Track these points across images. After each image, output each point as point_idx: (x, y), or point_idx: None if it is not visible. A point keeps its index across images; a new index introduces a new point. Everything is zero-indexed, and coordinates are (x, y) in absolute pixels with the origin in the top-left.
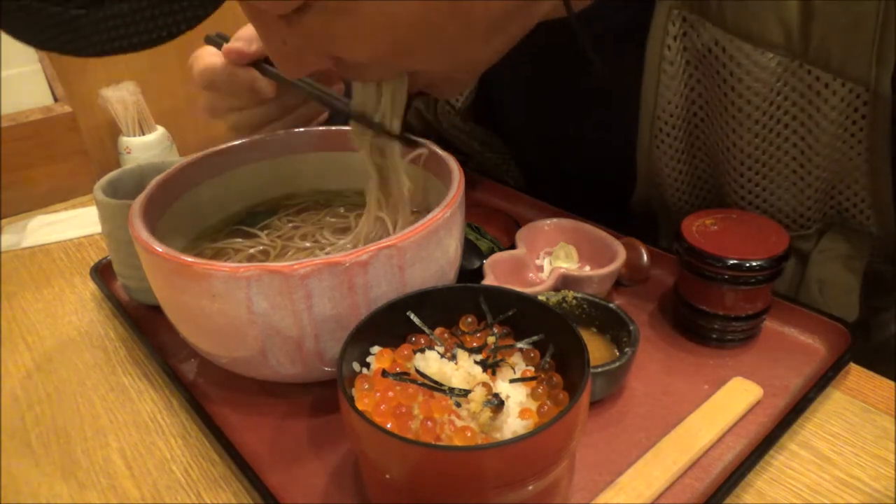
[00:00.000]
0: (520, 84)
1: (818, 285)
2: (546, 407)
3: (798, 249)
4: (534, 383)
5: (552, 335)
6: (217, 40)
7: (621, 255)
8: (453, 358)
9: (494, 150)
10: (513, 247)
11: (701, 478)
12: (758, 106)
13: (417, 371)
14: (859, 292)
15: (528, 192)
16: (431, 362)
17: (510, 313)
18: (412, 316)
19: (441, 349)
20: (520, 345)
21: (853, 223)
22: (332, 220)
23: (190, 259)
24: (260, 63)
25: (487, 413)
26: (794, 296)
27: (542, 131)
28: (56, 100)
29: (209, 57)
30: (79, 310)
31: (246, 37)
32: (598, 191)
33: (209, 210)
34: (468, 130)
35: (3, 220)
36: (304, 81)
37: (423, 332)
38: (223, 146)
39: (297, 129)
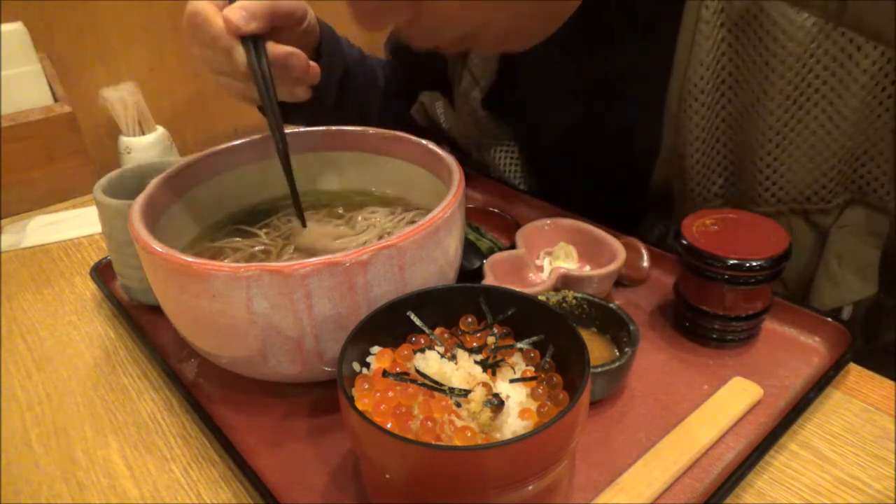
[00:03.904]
0: (547, 57)
1: (837, 259)
2: (546, 407)
3: (817, 224)
4: (534, 383)
5: (552, 335)
6: None
7: (621, 255)
8: (453, 358)
9: (501, 142)
10: (513, 247)
11: (701, 478)
12: (791, 66)
13: (417, 371)
14: (878, 267)
15: (529, 191)
16: (431, 362)
17: (510, 313)
18: (412, 316)
19: (441, 349)
20: (520, 345)
21: (873, 198)
22: (332, 220)
23: (190, 259)
24: (248, 42)
25: (487, 413)
26: (812, 272)
27: (566, 108)
28: (56, 100)
29: (208, 8)
30: (79, 310)
31: (249, 9)
32: (615, 176)
33: (209, 210)
34: (477, 118)
35: (3, 220)
36: (272, 110)
37: (423, 332)
38: (223, 146)
39: (296, 130)
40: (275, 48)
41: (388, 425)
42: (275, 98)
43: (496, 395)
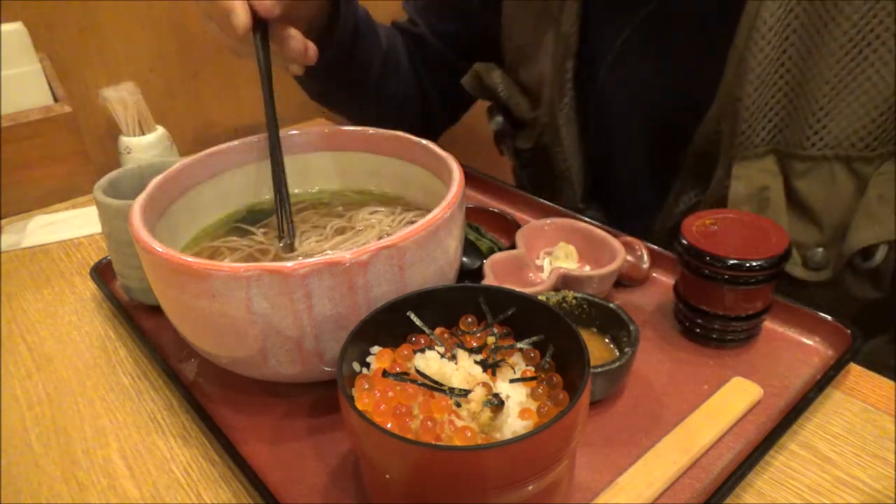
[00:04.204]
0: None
1: (878, 198)
2: (546, 407)
3: (858, 172)
4: (534, 383)
5: (552, 335)
6: None
7: (621, 255)
8: (453, 358)
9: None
10: (513, 247)
11: (701, 478)
12: (857, 8)
13: (417, 371)
14: None
15: (585, 158)
16: (431, 362)
17: (510, 313)
18: (412, 316)
19: (441, 349)
20: (520, 345)
21: None
22: (332, 219)
23: (190, 259)
24: (258, 29)
25: (487, 413)
26: (849, 219)
27: (635, 56)
28: (56, 100)
29: None
30: (79, 310)
31: None
32: (668, 124)
33: (209, 210)
34: (562, 87)
35: (3, 220)
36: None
37: (423, 332)
38: (223, 146)
39: (296, 130)
40: (275, 30)
41: (388, 425)
42: (272, 103)
43: (496, 395)
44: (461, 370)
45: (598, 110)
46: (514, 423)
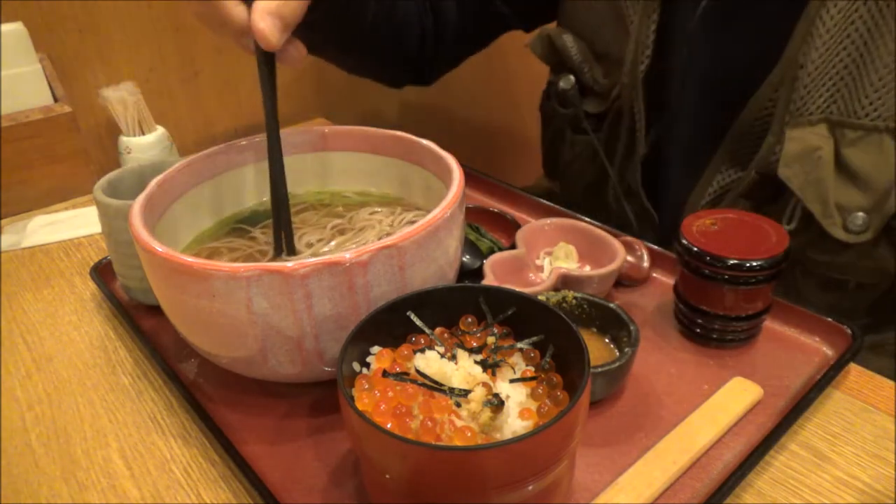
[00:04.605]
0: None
1: None
2: (546, 407)
3: None
4: (534, 383)
5: (552, 335)
6: None
7: (621, 254)
8: (453, 358)
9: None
10: (513, 247)
11: (701, 478)
12: None
13: (417, 371)
14: None
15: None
16: (431, 362)
17: (510, 313)
18: (412, 316)
19: (441, 349)
20: (520, 345)
21: None
22: (332, 220)
23: (190, 259)
24: (265, 63)
25: (487, 413)
26: (892, 187)
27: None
28: (56, 100)
29: None
30: (79, 310)
31: (284, 19)
32: (718, 101)
33: (209, 210)
34: (644, 48)
35: (3, 220)
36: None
37: (423, 332)
38: (223, 146)
39: (297, 130)
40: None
41: (388, 425)
42: (274, 105)
43: (496, 395)
44: (461, 370)
45: (667, 76)
46: (514, 423)
